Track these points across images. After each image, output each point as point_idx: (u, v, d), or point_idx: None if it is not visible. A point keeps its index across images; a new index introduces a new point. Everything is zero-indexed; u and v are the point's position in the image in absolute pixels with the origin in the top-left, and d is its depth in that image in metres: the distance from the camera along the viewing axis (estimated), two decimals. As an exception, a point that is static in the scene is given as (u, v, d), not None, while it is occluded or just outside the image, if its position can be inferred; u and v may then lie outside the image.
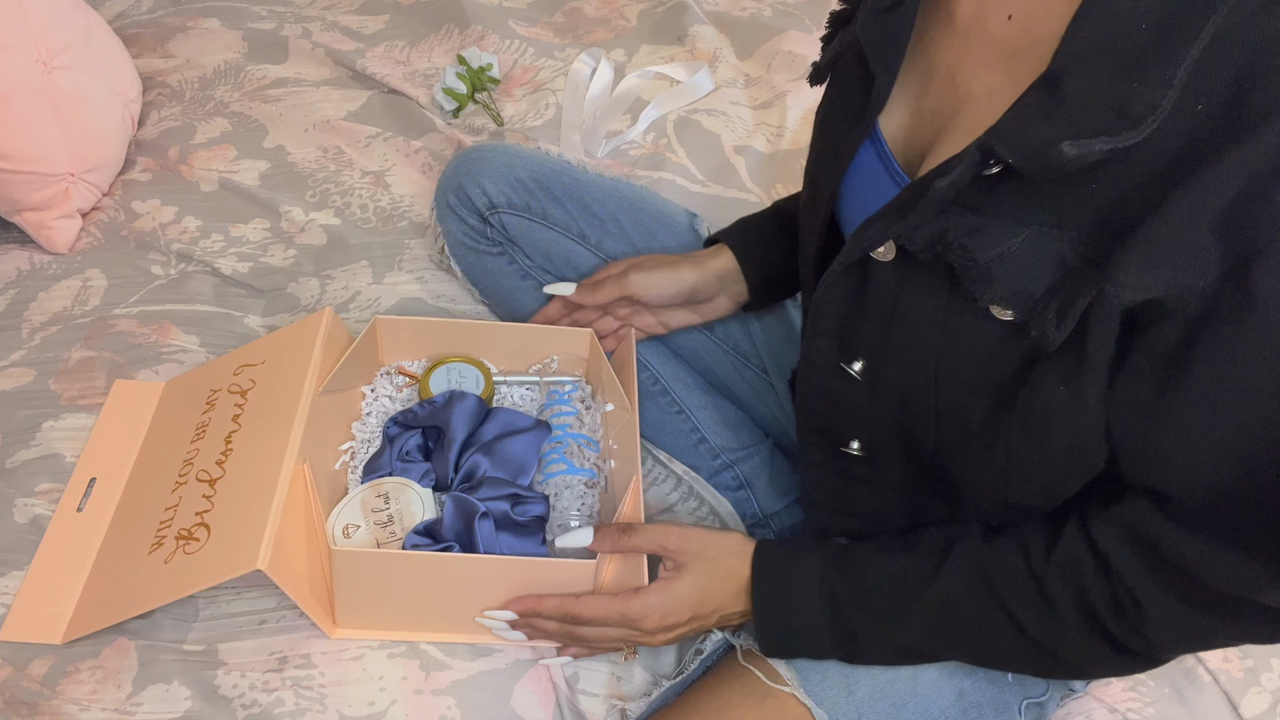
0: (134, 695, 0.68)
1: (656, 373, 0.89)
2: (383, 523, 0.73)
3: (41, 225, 1.03)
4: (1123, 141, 0.41)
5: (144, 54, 1.33)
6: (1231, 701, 0.75)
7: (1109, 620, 0.54)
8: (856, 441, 0.63)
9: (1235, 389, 0.44)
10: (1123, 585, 0.53)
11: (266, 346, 0.84)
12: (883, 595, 0.61)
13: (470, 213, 0.89)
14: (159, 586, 0.68)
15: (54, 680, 0.69)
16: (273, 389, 0.79)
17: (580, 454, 0.79)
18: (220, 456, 0.75)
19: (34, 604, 0.73)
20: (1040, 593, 0.56)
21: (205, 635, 0.71)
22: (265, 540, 0.64)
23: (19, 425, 0.86)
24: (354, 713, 0.68)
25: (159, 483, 0.77)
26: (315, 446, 0.76)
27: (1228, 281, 0.41)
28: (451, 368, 0.86)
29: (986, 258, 0.47)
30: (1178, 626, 0.53)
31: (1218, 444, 0.46)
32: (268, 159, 1.18)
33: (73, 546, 0.76)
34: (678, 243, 0.89)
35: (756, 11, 1.47)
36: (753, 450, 0.89)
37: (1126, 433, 0.49)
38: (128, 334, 0.94)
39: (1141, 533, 0.52)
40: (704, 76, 1.30)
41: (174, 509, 0.73)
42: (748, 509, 0.87)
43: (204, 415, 0.81)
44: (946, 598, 0.59)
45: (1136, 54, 0.41)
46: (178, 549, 0.69)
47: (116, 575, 0.72)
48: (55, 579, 0.74)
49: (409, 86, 1.30)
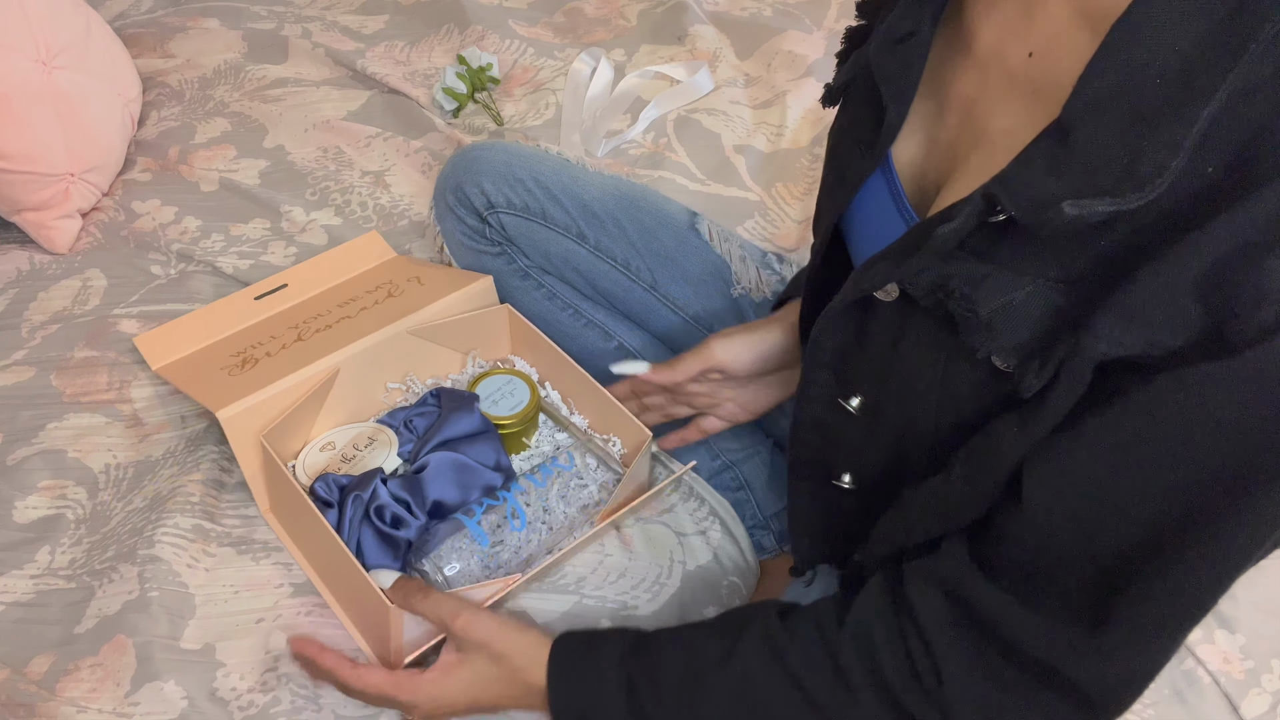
0: (132, 694, 0.68)
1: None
2: (349, 458, 0.78)
3: (41, 225, 1.03)
4: (1127, 204, 0.39)
5: (144, 54, 1.33)
6: (1232, 703, 0.75)
7: (902, 693, 0.52)
8: (848, 475, 0.62)
9: (1144, 448, 0.42)
10: (924, 648, 0.51)
11: (423, 270, 0.91)
12: (678, 678, 0.58)
13: (469, 213, 0.89)
14: (200, 382, 0.81)
15: (53, 679, 0.69)
16: (390, 310, 0.86)
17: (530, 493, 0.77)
18: (322, 328, 0.85)
19: (172, 335, 0.89)
20: (832, 661, 0.54)
21: (202, 634, 0.71)
22: (244, 404, 0.75)
23: (21, 424, 0.86)
24: (349, 713, 0.68)
25: (283, 320, 0.89)
26: (370, 373, 0.83)
27: (1195, 344, 0.40)
28: (513, 381, 0.84)
29: (988, 309, 0.46)
30: (974, 700, 0.51)
31: (1087, 494, 0.45)
32: (268, 159, 1.18)
33: (225, 318, 0.90)
34: (678, 242, 0.88)
35: (756, 11, 1.47)
36: (753, 451, 0.89)
37: (1043, 487, 0.47)
38: (130, 334, 0.94)
39: (957, 587, 0.51)
40: (704, 76, 1.30)
41: (261, 345, 0.84)
42: (746, 510, 0.87)
43: (343, 307, 0.89)
44: (742, 676, 0.57)
45: (1149, 109, 0.39)
46: (231, 366, 0.81)
47: (200, 362, 0.85)
48: (197, 330, 0.89)
49: (409, 86, 1.30)
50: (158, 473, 0.83)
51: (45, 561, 0.77)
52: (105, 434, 0.86)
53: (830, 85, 0.61)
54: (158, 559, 0.74)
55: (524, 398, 0.83)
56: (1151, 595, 0.45)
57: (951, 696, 0.51)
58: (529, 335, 0.87)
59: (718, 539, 0.82)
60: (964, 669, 0.51)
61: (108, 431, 0.86)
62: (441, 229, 0.93)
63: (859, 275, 0.54)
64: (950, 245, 0.46)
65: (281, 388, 0.77)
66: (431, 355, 0.87)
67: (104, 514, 0.80)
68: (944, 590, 0.52)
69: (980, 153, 0.50)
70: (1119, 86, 0.40)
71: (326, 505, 0.74)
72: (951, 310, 0.47)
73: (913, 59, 0.53)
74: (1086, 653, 0.48)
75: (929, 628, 0.52)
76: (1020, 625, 0.49)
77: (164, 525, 0.76)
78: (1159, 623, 0.46)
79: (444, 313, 0.85)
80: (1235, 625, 0.79)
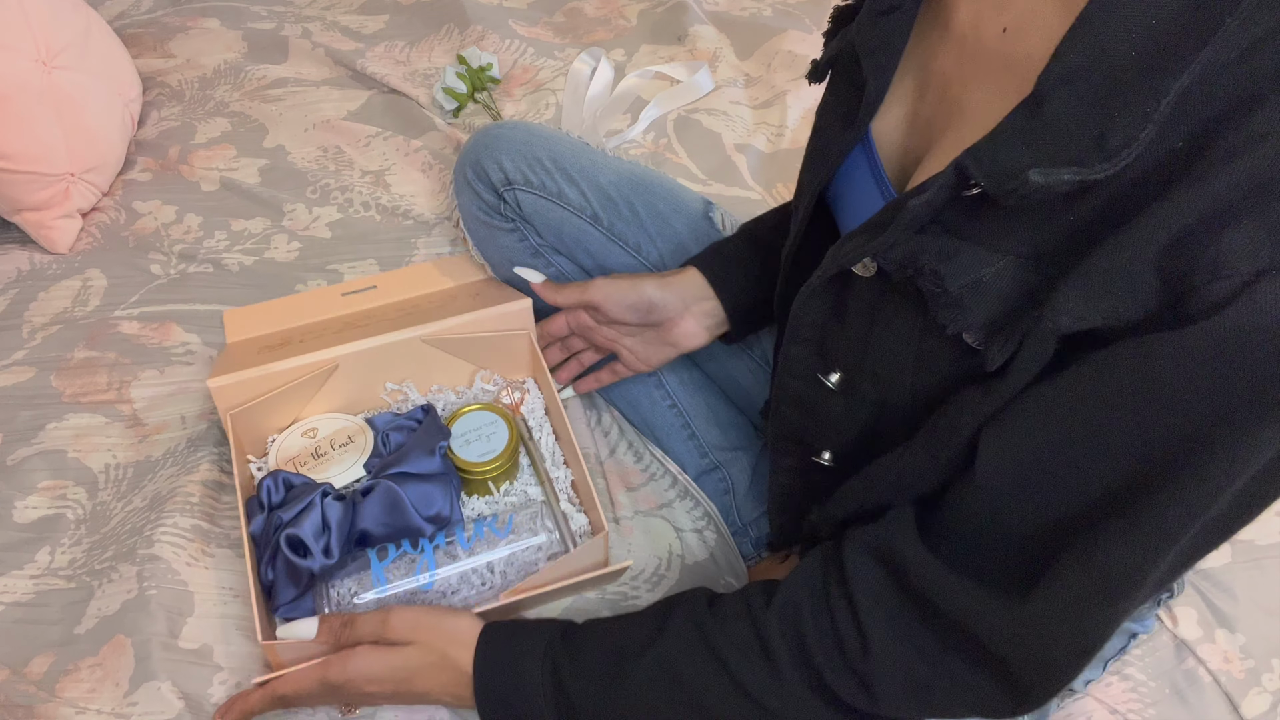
0: (130, 694, 0.68)
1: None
2: (319, 453, 0.79)
3: (41, 225, 1.03)
4: (1094, 174, 0.40)
5: (144, 54, 1.33)
6: (1232, 702, 0.75)
7: (826, 667, 0.53)
8: (828, 452, 0.62)
9: (1092, 416, 0.43)
10: (852, 619, 0.52)
11: (484, 288, 0.92)
12: (603, 662, 0.58)
13: (486, 188, 0.89)
14: (232, 358, 0.84)
15: (52, 680, 0.69)
16: (419, 311, 0.88)
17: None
18: (364, 323, 0.87)
19: (255, 316, 0.91)
20: (758, 638, 0.54)
21: (201, 634, 0.71)
22: (234, 378, 0.77)
23: (21, 424, 0.86)
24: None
25: (355, 316, 0.90)
26: (371, 372, 0.84)
27: (1152, 316, 0.40)
28: (497, 423, 0.82)
29: (958, 285, 0.46)
30: (899, 674, 0.51)
31: (1033, 462, 0.45)
32: (268, 158, 1.18)
33: (307, 307, 0.92)
34: (691, 229, 0.89)
35: (756, 11, 1.47)
36: (741, 452, 0.89)
37: (984, 452, 0.48)
38: (130, 335, 0.94)
39: (893, 554, 0.51)
40: (704, 76, 1.30)
41: (319, 332, 0.86)
42: (729, 516, 0.87)
43: (430, 305, 0.90)
44: (666, 659, 0.57)
45: (1120, 82, 0.40)
46: (267, 349, 0.83)
47: (271, 333, 0.89)
48: (277, 314, 0.91)
49: (409, 86, 1.30)
50: (157, 473, 0.83)
51: (45, 562, 0.77)
52: (105, 434, 0.86)
53: (816, 61, 0.62)
54: (157, 558, 0.74)
55: (499, 445, 0.80)
56: (1074, 568, 0.45)
57: (877, 669, 0.51)
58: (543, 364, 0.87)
59: (713, 540, 0.83)
60: (891, 641, 0.51)
61: (107, 432, 0.86)
62: (459, 204, 0.93)
63: (835, 250, 0.54)
64: (922, 219, 0.47)
65: (276, 369, 0.79)
66: (443, 365, 0.88)
67: (104, 514, 0.80)
68: (879, 557, 0.52)
69: (955, 129, 0.51)
70: (1093, 60, 0.41)
71: (260, 508, 0.73)
72: (921, 287, 0.47)
73: (894, 33, 0.53)
74: (1009, 623, 0.47)
75: (860, 597, 0.52)
76: (949, 592, 0.49)
77: (163, 525, 0.76)
78: (1081, 598, 0.45)
79: (466, 326, 0.85)
80: (1235, 625, 0.79)
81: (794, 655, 0.54)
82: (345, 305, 0.93)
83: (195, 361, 0.93)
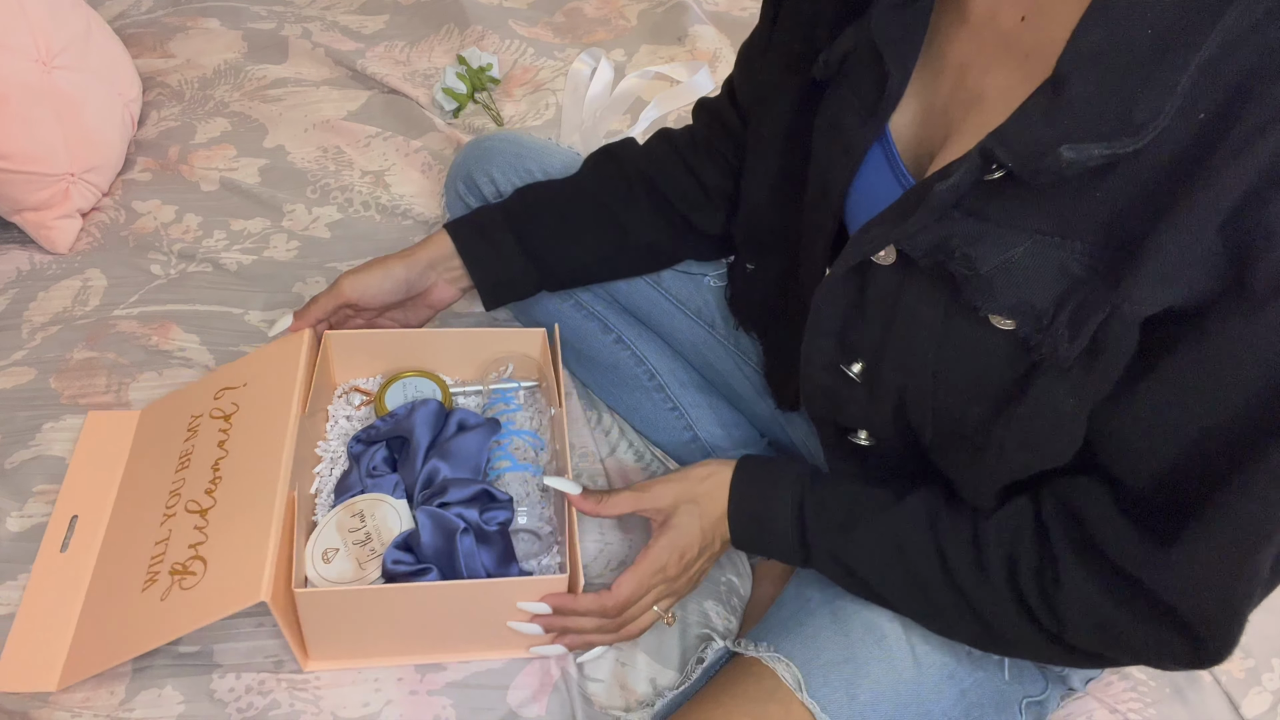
0: (127, 701, 0.68)
1: (653, 369, 0.89)
2: (361, 541, 0.71)
3: (41, 225, 1.03)
4: (1122, 148, 0.41)
5: (144, 54, 1.33)
6: (1232, 702, 0.75)
7: (1027, 585, 0.55)
8: (864, 432, 0.64)
9: (1205, 380, 0.44)
10: (1049, 555, 0.54)
11: (247, 367, 0.81)
12: (840, 511, 0.64)
13: (478, 201, 0.89)
14: (158, 625, 0.65)
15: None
16: (258, 412, 0.76)
17: (524, 450, 0.78)
18: (209, 485, 0.72)
19: (25, 650, 0.69)
20: (975, 545, 0.58)
21: (199, 636, 0.71)
22: (267, 572, 0.63)
23: (19, 426, 0.86)
24: (349, 714, 0.68)
25: (145, 516, 0.73)
26: (297, 471, 0.72)
27: (1228, 284, 0.42)
28: (407, 383, 0.84)
29: (988, 267, 0.47)
30: (1086, 610, 0.53)
31: (1170, 430, 0.47)
32: (267, 158, 1.18)
33: (60, 588, 0.72)
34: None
35: (756, 11, 1.47)
36: (743, 453, 0.89)
37: (1095, 419, 0.49)
38: (129, 335, 0.94)
39: (1076, 510, 0.53)
40: (704, 76, 1.30)
41: (165, 542, 0.70)
42: None
43: (186, 443, 0.77)
44: (894, 527, 0.61)
45: (1140, 59, 0.41)
46: (173, 584, 0.66)
47: (110, 615, 0.69)
48: (45, 623, 0.70)
49: (409, 86, 1.30)
50: (157, 473, 0.83)
51: (44, 561, 0.77)
52: (104, 434, 0.86)
53: (825, 57, 0.59)
54: (156, 559, 0.73)
55: (434, 388, 0.83)
56: (1218, 517, 0.46)
57: (1067, 602, 0.54)
58: (354, 345, 0.84)
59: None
60: (1081, 580, 0.53)
61: (107, 431, 0.86)
62: (451, 216, 0.93)
63: (857, 239, 0.54)
64: (948, 203, 0.48)
65: (275, 537, 0.66)
66: (317, 422, 0.81)
67: (103, 514, 0.80)
68: (1070, 513, 0.54)
69: (975, 115, 0.51)
70: (1111, 39, 0.42)
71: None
72: (952, 270, 0.48)
73: (914, 23, 0.54)
74: (1167, 572, 0.49)
75: (1056, 541, 0.54)
76: (1120, 544, 0.51)
77: (163, 525, 0.76)
78: (1222, 546, 0.47)
79: (303, 378, 0.77)
80: (1236, 625, 0.79)
81: (1002, 566, 0.56)
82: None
83: (195, 362, 0.93)
